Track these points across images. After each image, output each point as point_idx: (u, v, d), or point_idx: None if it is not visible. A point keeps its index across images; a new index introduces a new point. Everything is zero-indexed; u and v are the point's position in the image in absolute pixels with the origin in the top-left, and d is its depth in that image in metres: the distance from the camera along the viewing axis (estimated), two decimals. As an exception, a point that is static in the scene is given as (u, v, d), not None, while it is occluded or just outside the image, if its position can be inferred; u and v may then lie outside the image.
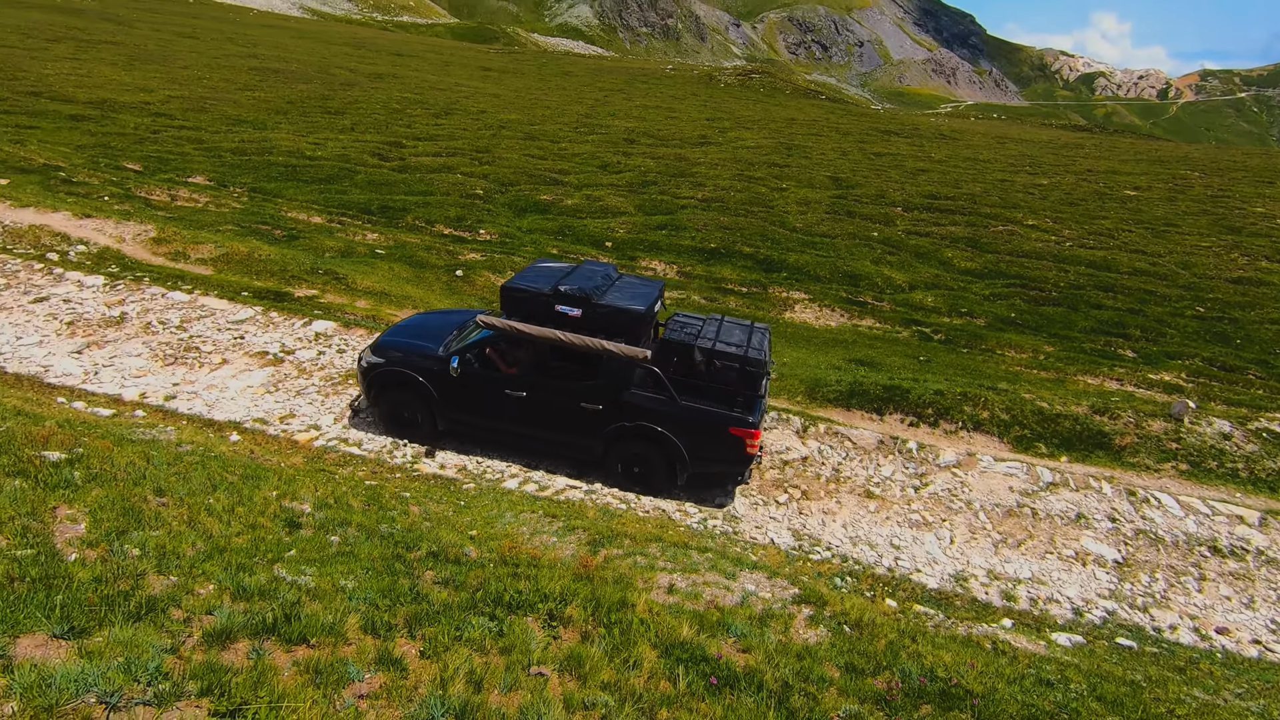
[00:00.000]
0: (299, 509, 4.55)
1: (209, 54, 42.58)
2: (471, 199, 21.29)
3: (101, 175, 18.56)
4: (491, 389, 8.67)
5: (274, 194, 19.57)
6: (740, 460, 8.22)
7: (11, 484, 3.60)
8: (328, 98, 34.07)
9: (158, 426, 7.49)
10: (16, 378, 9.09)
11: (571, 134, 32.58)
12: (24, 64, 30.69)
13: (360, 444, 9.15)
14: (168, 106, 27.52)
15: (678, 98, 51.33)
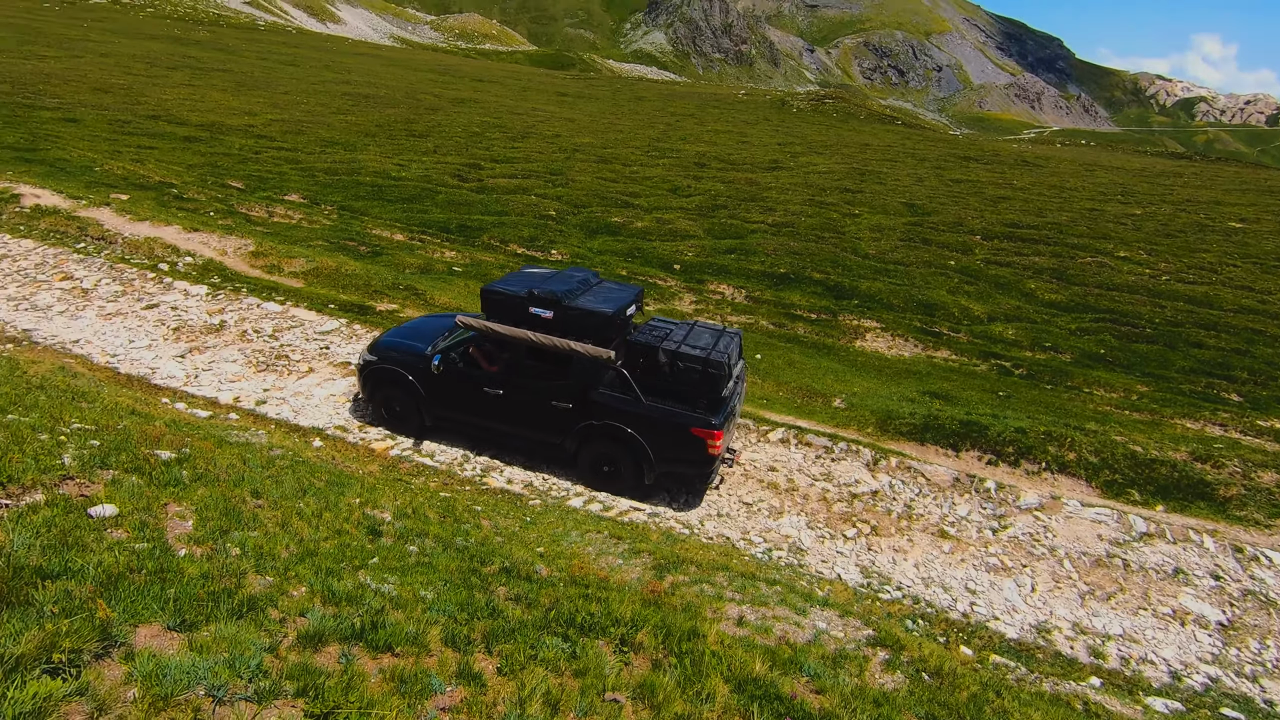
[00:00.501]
0: (380, 517, 4.72)
1: (308, 80, 45.44)
2: (545, 220, 21.82)
3: (209, 192, 19.97)
4: (471, 386, 8.99)
5: (361, 212, 20.58)
6: (703, 461, 8.28)
7: (129, 480, 3.89)
8: (413, 121, 35.74)
9: (250, 430, 7.92)
10: (128, 378, 9.81)
11: (643, 157, 33.06)
12: (147, 90, 33.51)
13: (433, 456, 9.43)
14: (269, 129, 29.45)
15: (749, 122, 51.43)
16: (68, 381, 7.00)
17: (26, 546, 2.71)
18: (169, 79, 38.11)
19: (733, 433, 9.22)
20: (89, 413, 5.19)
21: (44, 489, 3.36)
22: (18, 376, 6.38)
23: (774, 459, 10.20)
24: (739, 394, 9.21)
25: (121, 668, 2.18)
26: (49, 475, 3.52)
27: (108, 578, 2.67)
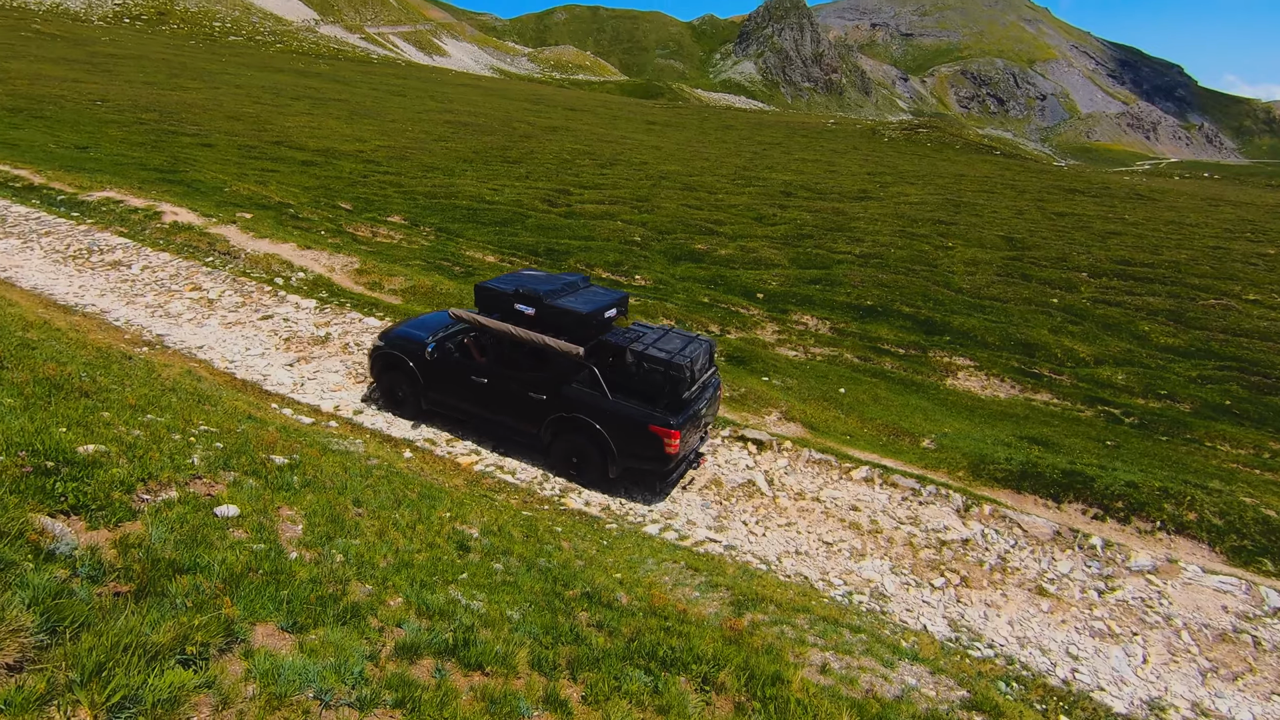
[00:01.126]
0: (468, 533, 4.86)
1: (413, 109, 48.30)
2: (630, 245, 22.17)
3: (321, 213, 21.45)
4: (461, 375, 9.59)
5: (456, 234, 21.55)
6: (661, 459, 8.59)
7: (248, 482, 4.18)
8: (508, 148, 37.28)
9: (349, 438, 8.35)
10: (243, 383, 10.57)
11: (729, 185, 33.16)
12: (272, 118, 36.50)
13: (514, 473, 9.65)
14: (376, 154, 31.43)
15: (838, 152, 50.76)
16: (194, 385, 7.62)
17: (162, 540, 2.95)
18: (292, 108, 41.40)
19: (697, 436, 9.42)
20: (213, 416, 5.64)
21: (177, 486, 3.67)
22: (153, 378, 7.01)
23: (857, 498, 9.85)
24: (708, 400, 9.43)
25: (241, 664, 2.33)
26: (181, 474, 3.83)
27: (230, 575, 2.86)
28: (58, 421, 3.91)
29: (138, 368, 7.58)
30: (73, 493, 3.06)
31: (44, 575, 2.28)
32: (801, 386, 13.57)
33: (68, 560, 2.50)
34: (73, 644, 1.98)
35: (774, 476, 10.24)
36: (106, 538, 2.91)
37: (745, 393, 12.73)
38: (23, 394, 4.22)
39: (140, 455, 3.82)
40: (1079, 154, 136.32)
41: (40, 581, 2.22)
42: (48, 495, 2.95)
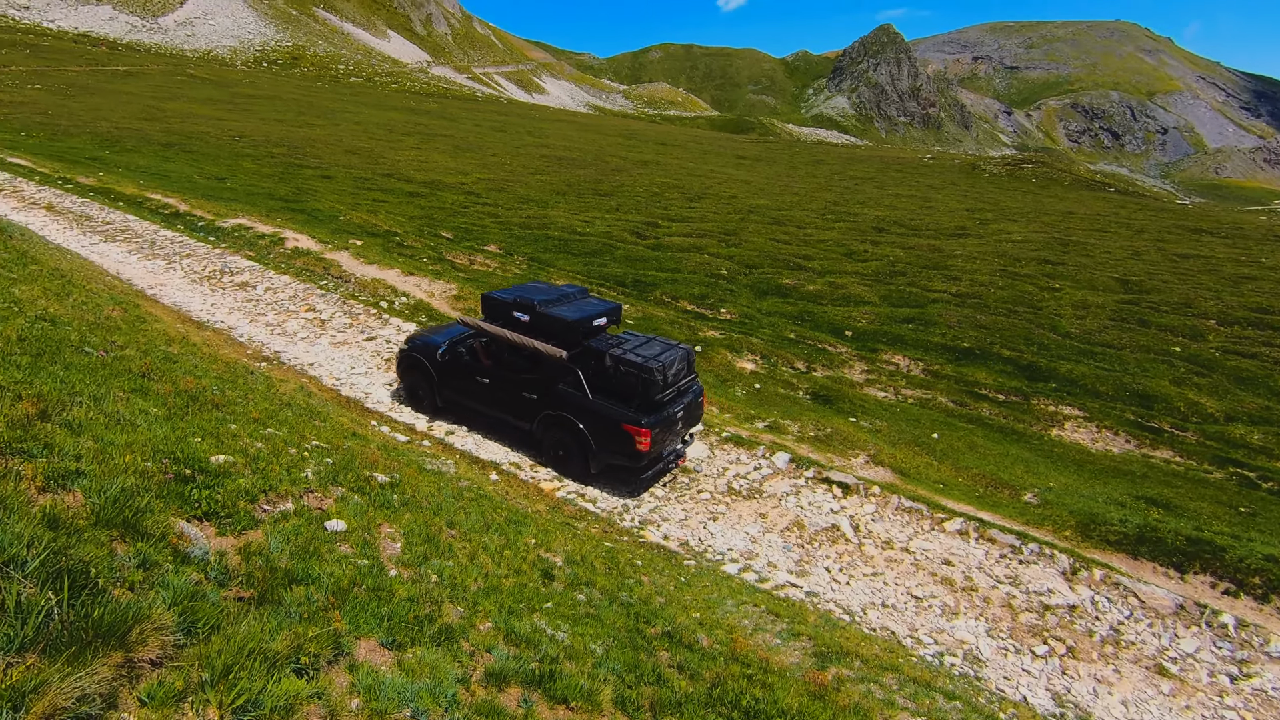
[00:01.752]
0: (552, 561, 4.94)
1: (512, 144, 50.65)
2: (716, 279, 22.20)
3: (424, 241, 22.71)
4: (468, 375, 10.53)
5: (548, 263, 22.27)
6: (633, 455, 9.19)
7: (354, 499, 4.43)
8: (599, 181, 38.36)
9: (440, 458, 8.69)
10: (348, 400, 11.23)
11: (818, 220, 32.76)
12: (384, 152, 39.17)
13: (595, 502, 9.73)
14: (477, 186, 33.07)
15: (935, 187, 49.27)
16: (306, 400, 8.17)
17: (280, 550, 3.17)
18: (402, 143, 44.32)
19: (675, 438, 9.97)
20: (323, 431, 6.02)
21: (293, 499, 3.94)
22: (272, 393, 7.58)
23: (950, 551, 9.32)
24: (686, 405, 9.90)
25: (347, 677, 2.45)
26: (296, 487, 4.11)
27: (338, 589, 3.03)
28: (194, 432, 4.29)
29: (259, 382, 8.21)
30: (205, 500, 3.34)
31: (181, 577, 2.49)
32: (891, 430, 13.07)
33: (200, 564, 2.72)
34: (204, 645, 2.15)
35: (860, 522, 9.86)
36: (232, 544, 3.15)
37: (831, 433, 12.38)
38: (166, 405, 4.67)
39: (262, 467, 4.13)
40: (1206, 191, 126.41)
41: (179, 583, 2.42)
42: (185, 501, 3.24)
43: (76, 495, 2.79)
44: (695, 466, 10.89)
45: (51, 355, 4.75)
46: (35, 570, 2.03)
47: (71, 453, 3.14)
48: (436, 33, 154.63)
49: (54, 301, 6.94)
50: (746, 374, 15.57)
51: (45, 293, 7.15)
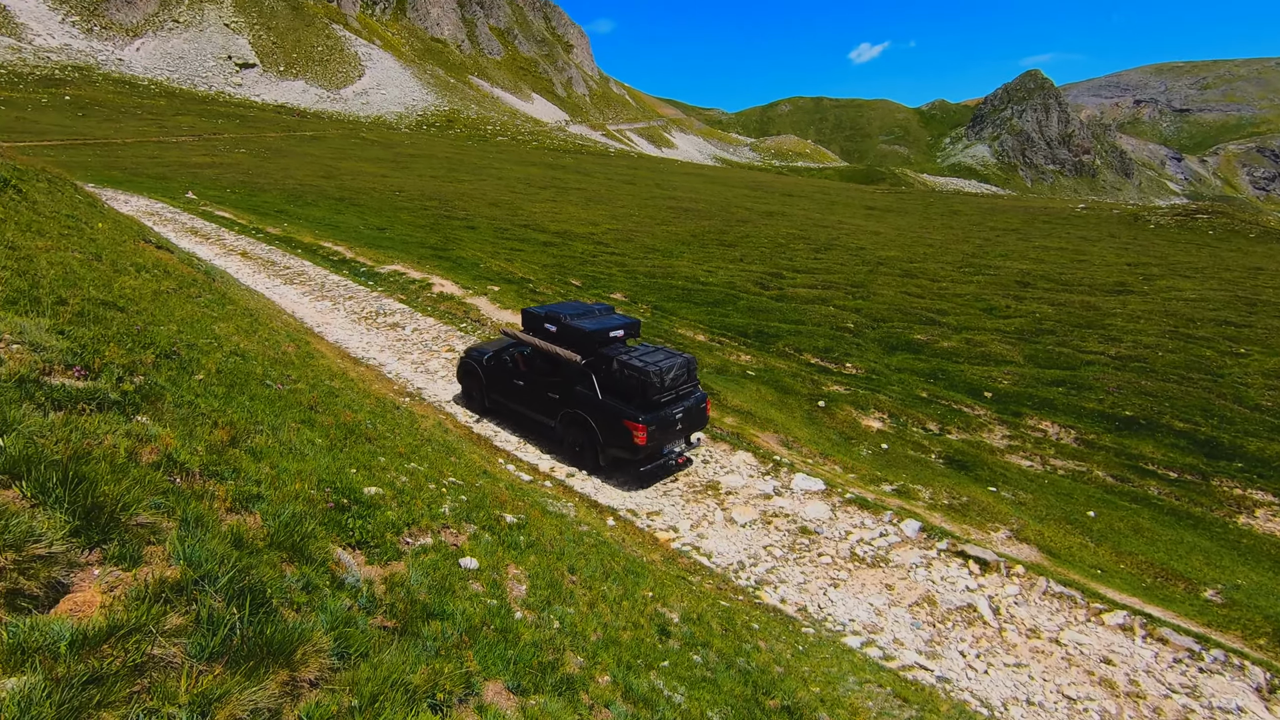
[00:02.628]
0: (669, 617, 4.88)
1: (640, 196, 52.52)
2: (841, 332, 21.57)
3: (554, 288, 23.86)
4: (508, 378, 12.15)
5: (670, 312, 22.63)
6: (631, 448, 10.38)
7: (485, 537, 4.65)
8: (724, 232, 38.77)
9: (561, 500, 8.91)
10: (478, 437, 11.85)
11: (954, 273, 31.14)
12: (523, 205, 41.88)
13: (710, 556, 9.55)
14: (605, 237, 34.46)
15: (1089, 239, 45.52)
16: (443, 437, 8.71)
17: (419, 583, 3.37)
18: (539, 196, 47.24)
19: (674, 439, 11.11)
20: (457, 468, 6.39)
21: (432, 534, 4.19)
22: (415, 428, 8.18)
23: (1110, 648, 8.25)
24: (687, 409, 11.01)
25: (475, 719, 2.53)
26: (435, 522, 4.37)
27: (469, 627, 3.16)
28: (350, 463, 4.71)
29: (403, 418, 8.88)
30: (359, 529, 3.63)
31: (337, 602, 2.71)
32: (1038, 503, 11.92)
33: (353, 591, 2.95)
34: (354, 671, 2.31)
35: (1001, 605, 8.98)
36: (378, 574, 3.39)
37: (967, 502, 11.49)
38: (328, 436, 5.16)
39: (406, 501, 4.44)
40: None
41: (335, 607, 2.63)
42: (342, 529, 3.54)
43: (256, 517, 3.13)
44: (816, 528, 10.45)
45: (241, 386, 5.41)
46: (224, 586, 2.28)
47: (253, 477, 3.53)
48: (576, 94, 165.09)
49: (244, 337, 7.91)
50: (873, 433, 14.86)
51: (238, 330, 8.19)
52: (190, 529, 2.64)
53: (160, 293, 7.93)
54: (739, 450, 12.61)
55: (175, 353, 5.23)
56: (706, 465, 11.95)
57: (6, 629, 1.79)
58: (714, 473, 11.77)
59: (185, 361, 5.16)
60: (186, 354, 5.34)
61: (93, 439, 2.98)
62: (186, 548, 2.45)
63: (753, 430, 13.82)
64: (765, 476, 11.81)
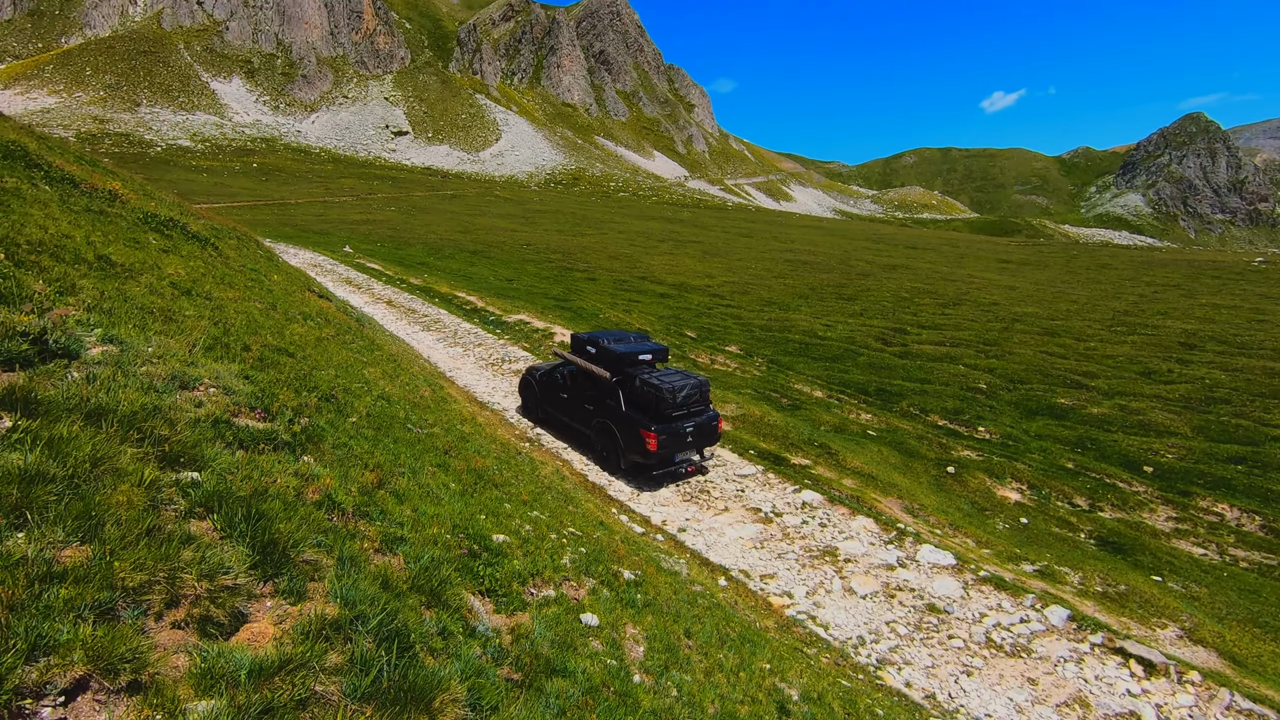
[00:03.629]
0: (788, 693, 4.64)
1: (757, 249, 52.57)
2: (973, 393, 20.23)
3: (670, 339, 24.16)
4: (556, 392, 13.99)
5: (787, 366, 22.22)
6: (645, 454, 11.82)
7: (604, 593, 4.68)
8: (843, 285, 37.87)
9: (673, 556, 8.81)
10: (593, 485, 12.04)
11: (1104, 332, 28.52)
12: (641, 258, 43.10)
13: (828, 627, 9.03)
14: (721, 289, 34.65)
15: (1271, 296, 40.37)
16: (561, 484, 8.93)
17: (542, 637, 3.43)
18: (657, 249, 48.47)
19: (686, 450, 12.37)
20: (576, 518, 6.51)
21: (554, 585, 4.28)
22: (536, 475, 8.45)
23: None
24: (698, 424, 12.29)
25: (596, 786, 2.51)
26: (557, 574, 4.47)
27: (590, 687, 3.16)
28: (480, 509, 4.93)
29: (525, 464, 9.21)
30: (488, 577, 3.77)
31: (470, 649, 2.81)
32: (1215, 599, 10.39)
33: (483, 640, 3.05)
34: (485, 724, 2.36)
35: (1172, 716, 7.82)
36: (505, 623, 3.48)
37: (1125, 591, 10.22)
38: (460, 480, 5.45)
39: (531, 550, 4.57)
40: None
41: (467, 655, 2.73)
42: (474, 576, 3.69)
43: (399, 559, 3.33)
44: (945, 607, 9.65)
45: (386, 429, 5.85)
46: (374, 628, 2.44)
47: (397, 519, 3.77)
48: (695, 151, 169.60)
49: (388, 382, 8.58)
50: (1010, 504, 13.67)
51: (383, 374, 8.90)
52: (345, 567, 2.85)
53: (321, 339, 8.80)
54: (859, 515, 11.99)
55: (334, 396, 5.75)
56: (824, 529, 11.43)
57: (200, 654, 2.00)
58: (831, 537, 11.24)
59: (341, 405, 5.66)
60: (343, 398, 5.86)
61: (268, 477, 3.32)
62: (342, 586, 2.64)
63: (874, 494, 13.12)
64: (888, 545, 11.12)
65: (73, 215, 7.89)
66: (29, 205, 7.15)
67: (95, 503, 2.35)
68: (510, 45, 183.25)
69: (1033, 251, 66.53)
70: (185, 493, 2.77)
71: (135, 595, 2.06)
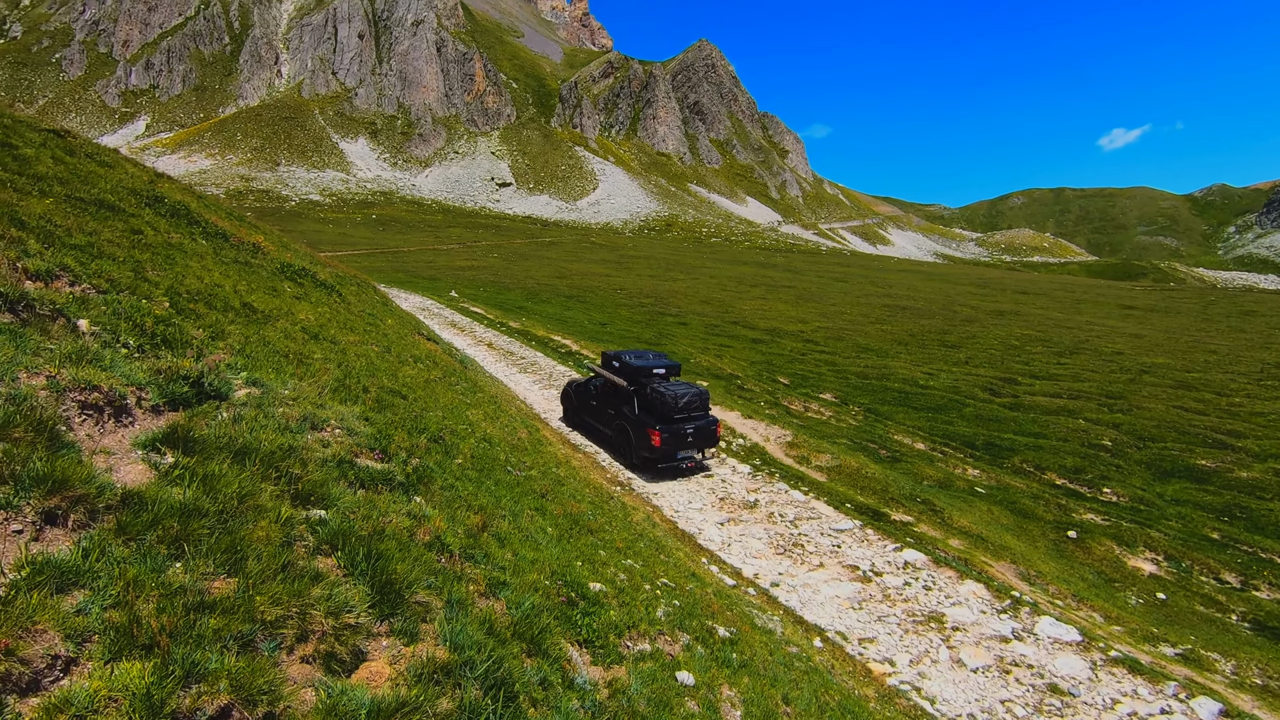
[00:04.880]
0: (894, 774, 4.31)
1: (853, 293, 51.33)
2: (1095, 450, 18.65)
3: (762, 385, 23.82)
4: (587, 400, 16.38)
5: (885, 416, 21.33)
6: (651, 450, 14.00)
7: (698, 650, 4.58)
8: (946, 332, 36.21)
9: (767, 613, 8.50)
10: (683, 533, 11.88)
11: (1251, 386, 25.69)
12: (733, 302, 43.02)
13: (934, 701, 8.38)
14: (815, 334, 33.95)
15: None
16: (652, 532, 8.88)
17: (639, 694, 3.38)
18: (749, 294, 48.29)
19: (687, 449, 14.29)
20: (668, 568, 6.43)
21: (649, 639, 4.23)
22: (628, 521, 8.46)
23: None
24: (697, 427, 14.22)
25: None
26: (652, 628, 4.42)
27: (687, 751, 3.08)
28: (576, 556, 4.98)
29: (617, 509, 9.24)
30: (585, 627, 3.78)
31: (568, 702, 2.81)
32: None
33: (581, 692, 3.04)
34: (585, 783, 2.34)
35: (1359, 843, 6.67)
36: (601, 676, 3.47)
37: (1295, 689, 8.91)
38: (557, 525, 5.54)
39: (626, 601, 4.55)
40: None
41: (567, 709, 2.73)
42: (571, 625, 3.72)
43: (501, 604, 3.40)
44: (1070, 689, 8.75)
45: (488, 471, 6.06)
46: (481, 675, 2.49)
47: (499, 563, 3.87)
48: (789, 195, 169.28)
49: (489, 423, 8.91)
50: (1143, 577, 12.37)
51: (485, 416, 9.25)
52: (453, 610, 2.94)
53: (430, 381, 9.28)
54: (967, 579, 11.19)
55: (441, 438, 6.03)
56: (929, 592, 10.72)
57: (326, 690, 2.11)
58: (937, 602, 10.51)
59: (448, 446, 5.92)
60: (449, 439, 6.13)
61: (385, 517, 3.50)
62: (451, 630, 2.73)
63: (984, 557, 12.22)
64: (1001, 615, 10.27)
65: (223, 266, 8.80)
66: (189, 258, 8.05)
67: (239, 538, 2.57)
68: (609, 99, 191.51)
69: (1161, 297, 61.34)
70: (314, 530, 2.97)
71: (272, 629, 2.21)
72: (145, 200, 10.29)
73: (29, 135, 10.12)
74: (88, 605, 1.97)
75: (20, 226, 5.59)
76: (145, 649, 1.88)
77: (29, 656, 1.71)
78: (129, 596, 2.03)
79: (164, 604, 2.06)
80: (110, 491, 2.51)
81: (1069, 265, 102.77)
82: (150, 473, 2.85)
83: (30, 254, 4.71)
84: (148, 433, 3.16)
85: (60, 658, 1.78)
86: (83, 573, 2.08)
